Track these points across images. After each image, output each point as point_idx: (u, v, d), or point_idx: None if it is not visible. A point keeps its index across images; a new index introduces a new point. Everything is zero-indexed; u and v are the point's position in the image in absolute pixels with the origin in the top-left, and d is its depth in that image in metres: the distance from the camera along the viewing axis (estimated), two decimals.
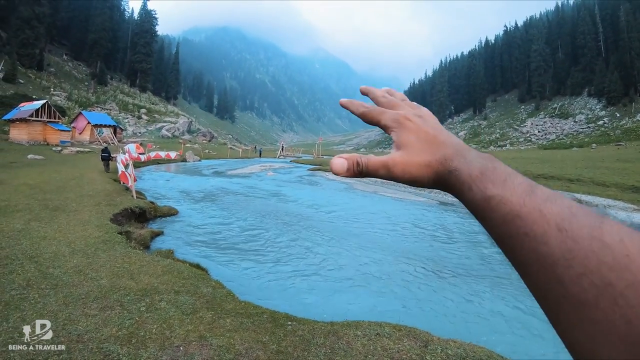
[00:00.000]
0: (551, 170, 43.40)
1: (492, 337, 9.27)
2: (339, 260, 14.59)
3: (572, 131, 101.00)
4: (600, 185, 36.06)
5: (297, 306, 9.74)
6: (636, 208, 28.52)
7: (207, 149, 78.39)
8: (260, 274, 12.46)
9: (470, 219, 25.18)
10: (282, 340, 6.85)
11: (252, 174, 44.16)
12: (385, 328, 7.62)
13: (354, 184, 39.12)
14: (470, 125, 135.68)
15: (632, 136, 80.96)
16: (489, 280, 13.61)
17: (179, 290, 8.62)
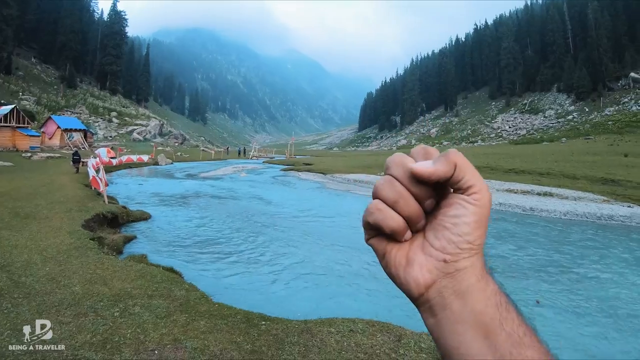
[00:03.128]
0: (522, 165, 44.26)
1: None
2: (312, 259, 14.74)
3: (542, 126, 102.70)
4: (570, 178, 36.80)
5: (271, 306, 9.79)
6: (605, 199, 29.16)
7: (179, 151, 77.77)
8: (234, 275, 12.54)
9: None
10: (256, 340, 6.93)
11: (225, 175, 44.07)
12: (359, 324, 7.75)
13: (327, 183, 39.35)
14: (442, 122, 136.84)
15: (601, 130, 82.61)
16: None
17: (153, 295, 8.64)
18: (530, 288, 12.84)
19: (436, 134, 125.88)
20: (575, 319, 10.64)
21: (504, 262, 15.91)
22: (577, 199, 29.88)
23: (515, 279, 13.64)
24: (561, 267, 15.35)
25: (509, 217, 25.29)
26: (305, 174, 47.92)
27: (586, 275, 14.47)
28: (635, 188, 32.17)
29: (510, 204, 28.05)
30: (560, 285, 13.16)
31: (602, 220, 24.49)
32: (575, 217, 25.22)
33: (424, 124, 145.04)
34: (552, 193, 31.55)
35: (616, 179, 35.03)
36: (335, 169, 48.78)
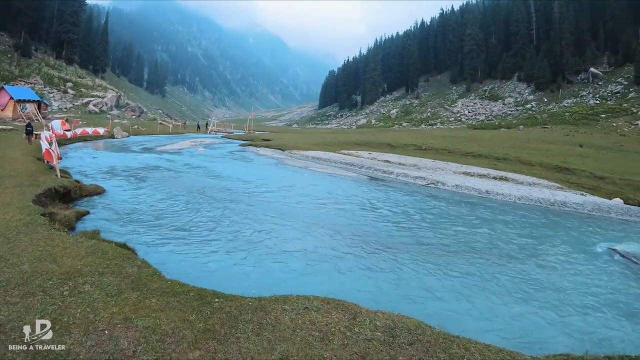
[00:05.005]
0: (479, 149, 44.74)
1: (420, 308, 9.72)
2: (268, 235, 14.65)
3: (501, 113, 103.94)
4: (526, 164, 37.43)
5: (225, 283, 9.76)
6: (559, 186, 29.77)
7: (136, 124, 75.52)
8: (189, 252, 12.42)
9: (398, 193, 25.48)
10: (209, 318, 6.85)
11: (182, 150, 43.22)
12: (314, 302, 7.76)
13: (284, 159, 39.06)
14: (403, 104, 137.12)
15: (558, 120, 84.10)
16: (416, 252, 14.12)
17: (104, 272, 8.41)
18: (478, 266, 13.10)
19: (396, 114, 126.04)
20: (511, 298, 11.03)
21: (455, 241, 16.09)
22: (532, 184, 30.41)
23: (464, 258, 13.86)
24: (511, 250, 15.64)
25: (465, 199, 25.59)
26: (263, 149, 47.36)
27: (533, 258, 14.80)
28: (589, 177, 32.83)
29: (466, 187, 28.34)
30: (504, 267, 13.46)
31: (556, 207, 25.07)
32: (530, 201, 25.72)
33: (384, 105, 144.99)
34: (507, 177, 32.01)
35: (570, 168, 35.68)
36: (294, 146, 48.41)
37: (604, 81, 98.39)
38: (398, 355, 6.20)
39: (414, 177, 31.03)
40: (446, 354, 6.36)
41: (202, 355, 5.78)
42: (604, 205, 25.54)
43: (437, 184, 29.32)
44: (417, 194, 26.04)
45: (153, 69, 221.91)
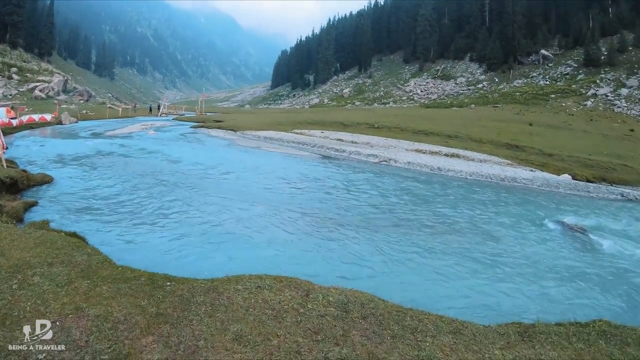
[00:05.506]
0: (431, 127, 44.99)
1: (375, 283, 9.81)
2: (220, 217, 14.59)
3: (453, 92, 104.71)
4: (477, 142, 37.85)
5: (178, 266, 9.79)
6: (509, 163, 30.33)
7: (85, 109, 72.44)
8: (140, 236, 12.24)
9: (350, 171, 25.40)
10: (161, 303, 6.80)
11: (133, 133, 41.72)
12: (266, 280, 7.80)
13: (236, 140, 38.58)
14: (355, 83, 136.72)
15: (509, 99, 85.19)
16: (368, 228, 14.26)
17: (53, 262, 8.11)
18: (430, 241, 13.29)
19: (349, 94, 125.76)
20: (463, 271, 11.31)
21: (407, 217, 16.24)
22: (482, 161, 30.67)
23: (417, 233, 13.99)
24: (463, 224, 15.91)
25: (416, 175, 25.77)
26: (215, 131, 46.35)
27: (485, 232, 15.08)
28: (538, 154, 33.53)
29: (418, 163, 28.53)
30: (456, 241, 13.65)
31: (506, 182, 25.55)
32: (481, 177, 26.11)
33: (337, 84, 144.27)
34: (459, 154, 32.23)
35: (520, 145, 36.32)
36: (246, 126, 47.65)
37: (554, 63, 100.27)
38: (351, 329, 6.31)
39: (366, 155, 31.05)
40: (399, 326, 6.53)
41: (156, 340, 5.77)
42: (552, 180, 26.21)
43: (389, 161, 29.37)
44: (369, 171, 26.11)
45: (101, 51, 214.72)
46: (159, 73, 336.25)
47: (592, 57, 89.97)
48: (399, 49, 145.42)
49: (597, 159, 32.19)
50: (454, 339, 6.36)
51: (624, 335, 6.91)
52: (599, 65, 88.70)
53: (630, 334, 6.98)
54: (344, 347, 5.87)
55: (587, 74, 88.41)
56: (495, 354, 6.05)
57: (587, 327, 7.12)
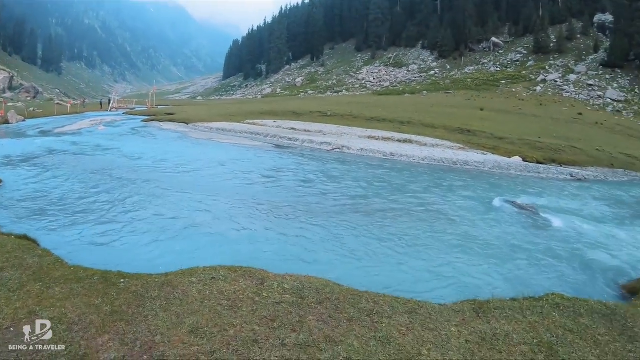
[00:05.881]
0: (384, 114, 45.01)
1: (330, 268, 9.81)
2: (173, 210, 14.46)
3: (405, 79, 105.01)
4: (429, 127, 38.04)
5: (132, 262, 9.60)
6: (461, 147, 30.72)
7: (32, 106, 69.45)
8: (92, 235, 11.96)
9: (303, 159, 25.19)
10: (115, 300, 6.71)
11: (82, 130, 40.19)
12: (221, 271, 7.78)
13: (189, 133, 37.89)
14: (308, 72, 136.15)
15: (460, 86, 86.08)
16: (321, 214, 14.51)
17: (3, 267, 7.89)
18: (384, 224, 13.60)
19: (302, 83, 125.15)
20: (419, 252, 11.56)
21: (360, 202, 16.52)
22: (435, 145, 30.91)
23: (371, 218, 14.28)
24: (416, 207, 16.17)
25: (369, 161, 25.95)
26: (167, 124, 45.24)
27: (438, 214, 15.45)
28: (489, 138, 33.99)
29: (371, 150, 28.62)
30: (411, 224, 13.94)
31: (458, 165, 25.86)
32: (433, 161, 26.32)
33: (290, 73, 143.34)
34: (412, 140, 32.34)
35: (472, 130, 36.62)
36: (198, 118, 46.82)
37: (505, 50, 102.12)
38: (307, 314, 6.39)
39: (319, 143, 30.95)
40: (355, 309, 6.64)
41: (112, 338, 5.69)
42: (503, 163, 26.69)
43: (342, 148, 29.38)
44: (322, 159, 26.14)
45: (48, 45, 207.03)
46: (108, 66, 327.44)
47: (541, 45, 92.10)
48: (351, 38, 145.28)
49: (547, 142, 32.87)
50: (410, 319, 6.49)
51: (576, 306, 7.27)
52: (548, 53, 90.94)
53: (583, 305, 7.36)
54: (301, 332, 5.92)
55: (536, 61, 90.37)
56: (452, 331, 6.20)
57: (541, 301, 7.45)
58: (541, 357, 5.73)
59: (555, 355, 5.79)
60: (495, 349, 5.86)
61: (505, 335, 6.17)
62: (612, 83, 76.43)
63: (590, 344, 6.17)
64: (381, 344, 5.78)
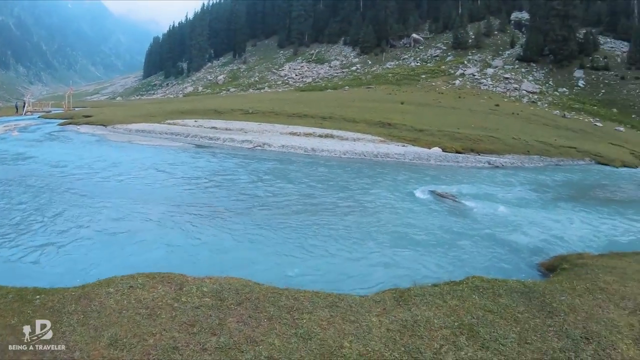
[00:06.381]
0: (306, 110, 44.91)
1: (252, 269, 9.49)
2: (92, 218, 13.62)
3: (327, 75, 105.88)
4: (350, 122, 38.27)
5: (49, 276, 9.09)
6: (382, 140, 31.21)
7: None
8: (7, 250, 10.94)
9: (224, 159, 24.76)
10: (31, 318, 6.22)
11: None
12: (139, 279, 7.51)
13: (107, 135, 36.50)
14: (230, 69, 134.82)
15: (381, 80, 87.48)
16: (242, 214, 14.27)
17: None
18: (305, 221, 13.48)
19: (224, 80, 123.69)
20: (342, 247, 11.43)
21: (281, 200, 16.33)
22: (356, 139, 31.08)
23: (292, 215, 14.12)
24: (338, 201, 16.21)
25: (290, 157, 25.89)
26: (84, 127, 43.36)
27: (360, 207, 15.51)
28: (409, 131, 34.38)
29: (293, 146, 28.52)
30: (334, 219, 13.85)
31: (379, 158, 26.13)
32: (355, 155, 26.48)
33: (211, 71, 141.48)
34: (333, 135, 32.37)
35: (392, 123, 36.93)
36: (117, 120, 45.12)
37: (425, 46, 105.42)
38: (227, 317, 6.28)
39: (240, 141, 30.62)
40: (275, 307, 6.59)
41: (30, 358, 5.35)
42: (423, 154, 27.26)
43: (263, 145, 29.20)
44: (243, 157, 25.83)
45: None
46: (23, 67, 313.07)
47: (460, 41, 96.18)
48: (273, 34, 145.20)
49: (466, 132, 33.92)
50: (330, 313, 6.49)
51: (495, 287, 7.49)
52: (466, 48, 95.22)
53: (502, 285, 7.59)
54: (221, 335, 5.81)
55: (455, 56, 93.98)
56: (372, 321, 6.25)
57: (461, 285, 7.63)
58: (462, 338, 5.83)
59: (477, 336, 5.91)
60: (416, 335, 5.91)
61: (426, 321, 6.24)
62: (528, 76, 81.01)
63: (511, 321, 6.35)
64: (302, 340, 5.75)
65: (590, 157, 32.69)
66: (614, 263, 9.34)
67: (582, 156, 32.70)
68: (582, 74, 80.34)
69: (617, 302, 7.12)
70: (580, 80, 78.96)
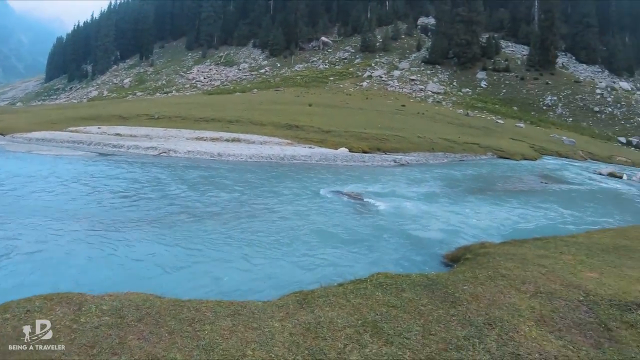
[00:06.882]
0: (213, 114, 44.68)
1: (156, 282, 9.29)
2: None
3: (236, 78, 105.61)
4: (258, 125, 38.37)
5: None
6: (289, 142, 31.49)
7: None
8: None
9: (127, 167, 24.09)
10: None
11: None
12: (36, 302, 6.87)
13: (5, 145, 34.35)
14: (136, 72, 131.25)
15: (290, 83, 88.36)
16: (145, 225, 13.56)
17: None
18: (210, 229, 13.17)
19: (130, 84, 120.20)
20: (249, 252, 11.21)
21: (184, 208, 15.82)
22: (263, 142, 31.08)
23: (195, 224, 13.73)
24: (245, 206, 15.98)
25: (196, 163, 25.47)
26: None
27: (266, 211, 15.34)
28: (316, 132, 34.91)
29: (199, 151, 28.16)
30: (239, 224, 13.64)
31: (286, 160, 26.16)
32: (261, 159, 26.37)
33: (117, 74, 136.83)
34: (240, 139, 32.27)
35: (300, 125, 37.35)
36: (16, 128, 42.55)
37: (334, 49, 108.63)
38: (128, 334, 5.91)
39: (145, 148, 29.81)
40: (176, 320, 6.31)
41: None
42: (330, 155, 27.67)
43: (169, 152, 28.55)
44: (148, 164, 24.99)
45: None
46: None
47: (368, 44, 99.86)
48: (182, 35, 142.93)
49: (372, 132, 34.92)
50: (232, 321, 6.34)
51: (398, 282, 7.53)
52: (374, 51, 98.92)
53: (405, 280, 7.67)
54: (122, 355, 5.48)
55: (363, 59, 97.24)
56: (275, 327, 6.18)
57: (365, 282, 7.61)
58: (366, 336, 5.83)
59: (381, 332, 5.92)
60: (319, 337, 5.86)
61: (330, 322, 6.21)
62: (433, 78, 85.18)
63: (414, 315, 6.40)
64: (205, 351, 5.58)
65: (493, 152, 35.13)
66: (515, 250, 9.77)
67: (484, 151, 34.97)
68: (485, 75, 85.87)
69: (518, 286, 7.37)
70: (483, 81, 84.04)
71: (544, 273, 7.98)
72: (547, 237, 11.15)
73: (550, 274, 7.93)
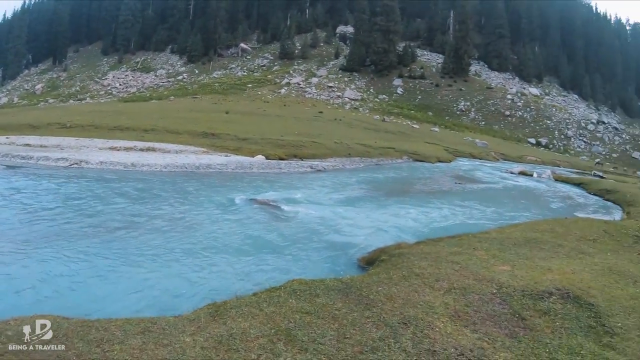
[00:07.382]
0: (128, 122, 43.69)
1: (66, 300, 8.95)
2: None
3: (152, 84, 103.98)
4: (173, 134, 37.95)
5: None
6: (205, 151, 31.19)
7: None
8: None
9: (35, 180, 23.13)
10: None
11: None
12: None
13: None
14: (49, 77, 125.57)
15: (208, 90, 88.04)
16: (56, 240, 12.69)
17: None
18: (120, 244, 12.55)
19: (42, 90, 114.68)
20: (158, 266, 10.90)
21: (94, 222, 15.00)
22: (178, 151, 30.69)
23: (105, 239, 12.99)
24: (153, 219, 15.43)
25: (108, 174, 24.51)
26: None
27: (179, 222, 15.01)
28: (233, 140, 35.12)
29: (111, 162, 27.22)
30: (149, 238, 13.10)
31: (201, 169, 25.92)
32: (176, 168, 26.00)
33: (28, 79, 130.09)
34: (154, 148, 31.69)
35: (216, 133, 37.37)
36: None
37: (253, 56, 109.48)
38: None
39: (55, 159, 28.25)
40: (84, 341, 5.88)
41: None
42: (246, 162, 27.76)
43: (80, 163, 27.30)
44: (58, 177, 23.46)
45: None
46: None
47: (287, 51, 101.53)
48: (98, 39, 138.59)
49: (289, 139, 35.42)
50: (142, 339, 6.03)
51: (312, 288, 7.53)
52: (293, 58, 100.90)
53: (319, 285, 7.68)
54: None
55: (282, 66, 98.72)
56: (186, 341, 5.95)
57: (278, 290, 7.55)
58: (280, 344, 5.81)
59: (295, 340, 5.91)
60: (232, 349, 5.75)
61: (242, 333, 6.12)
62: (350, 85, 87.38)
63: (329, 320, 6.44)
64: None
65: (408, 156, 36.66)
66: (429, 249, 10.05)
67: (400, 155, 36.38)
68: (401, 82, 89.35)
69: (432, 284, 7.60)
70: (399, 87, 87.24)
71: (457, 269, 8.31)
72: (461, 235, 11.62)
73: (464, 270, 8.29)
